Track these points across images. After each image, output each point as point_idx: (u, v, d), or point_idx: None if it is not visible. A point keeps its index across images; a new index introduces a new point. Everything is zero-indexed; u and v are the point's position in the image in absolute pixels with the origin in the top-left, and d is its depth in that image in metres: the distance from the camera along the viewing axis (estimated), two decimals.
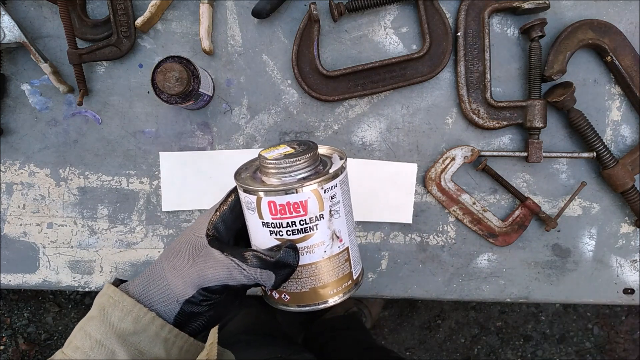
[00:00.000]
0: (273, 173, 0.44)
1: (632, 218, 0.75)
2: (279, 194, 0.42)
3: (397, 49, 0.72)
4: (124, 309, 0.44)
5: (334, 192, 0.44)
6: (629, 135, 0.73)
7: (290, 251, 0.43)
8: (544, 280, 0.76)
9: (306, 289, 0.45)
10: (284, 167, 0.43)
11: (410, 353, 1.77)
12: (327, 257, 0.45)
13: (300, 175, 0.43)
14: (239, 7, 0.72)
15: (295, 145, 0.46)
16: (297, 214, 0.42)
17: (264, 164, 0.44)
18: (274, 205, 0.42)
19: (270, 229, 0.43)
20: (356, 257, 0.48)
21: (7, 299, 1.79)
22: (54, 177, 0.75)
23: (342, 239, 0.45)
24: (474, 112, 0.71)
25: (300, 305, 0.46)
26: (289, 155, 0.44)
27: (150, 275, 0.46)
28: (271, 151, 0.45)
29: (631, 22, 0.71)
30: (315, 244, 0.44)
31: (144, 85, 0.73)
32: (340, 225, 0.45)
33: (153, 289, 0.45)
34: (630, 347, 1.75)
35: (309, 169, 0.44)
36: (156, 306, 0.45)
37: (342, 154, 0.48)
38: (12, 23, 0.69)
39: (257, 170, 0.47)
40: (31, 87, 0.74)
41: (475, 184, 0.74)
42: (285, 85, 0.73)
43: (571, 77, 0.71)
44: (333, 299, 0.46)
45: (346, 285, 0.47)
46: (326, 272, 0.45)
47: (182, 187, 0.74)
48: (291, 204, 0.42)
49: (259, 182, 0.45)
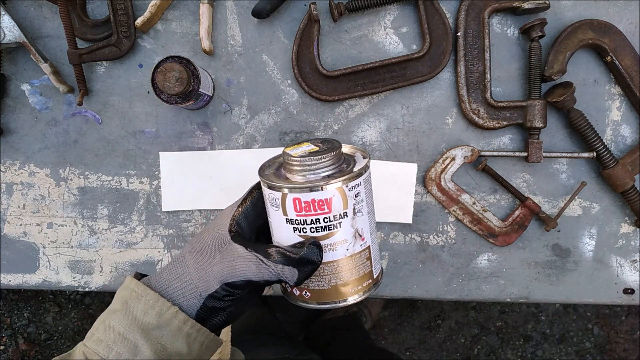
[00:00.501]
0: (297, 170, 0.44)
1: (632, 218, 0.75)
2: (304, 191, 0.42)
3: (397, 49, 0.72)
4: (147, 303, 0.44)
5: (358, 191, 0.44)
6: (629, 135, 0.73)
7: (314, 248, 0.43)
8: (544, 280, 0.76)
9: (327, 287, 0.45)
10: (309, 165, 0.43)
11: (410, 353, 1.77)
12: (349, 255, 0.45)
13: (324, 173, 0.43)
14: (239, 7, 0.72)
15: (319, 143, 0.46)
16: (322, 211, 0.42)
17: (289, 161, 0.44)
18: (298, 202, 0.42)
19: (295, 225, 0.44)
20: (377, 256, 0.48)
21: (7, 299, 1.79)
22: (54, 177, 0.75)
23: (364, 237, 0.46)
24: (474, 112, 0.71)
25: (321, 302, 0.46)
26: (313, 152, 0.44)
27: (173, 269, 0.46)
28: (295, 148, 0.45)
29: (631, 22, 0.71)
30: (338, 242, 0.44)
31: (144, 85, 0.73)
32: (363, 224, 0.45)
33: (176, 283, 0.45)
34: (630, 347, 1.75)
35: (333, 167, 0.44)
36: (179, 300, 0.45)
37: (365, 153, 0.48)
38: (12, 23, 0.69)
39: (281, 167, 0.47)
40: (31, 87, 0.74)
41: (475, 184, 0.74)
42: (285, 85, 0.73)
43: (571, 77, 0.71)
44: (353, 297, 0.46)
45: (367, 284, 0.47)
46: (348, 270, 0.45)
47: (182, 187, 0.74)
48: (316, 201, 0.42)
49: (283, 179, 0.45)
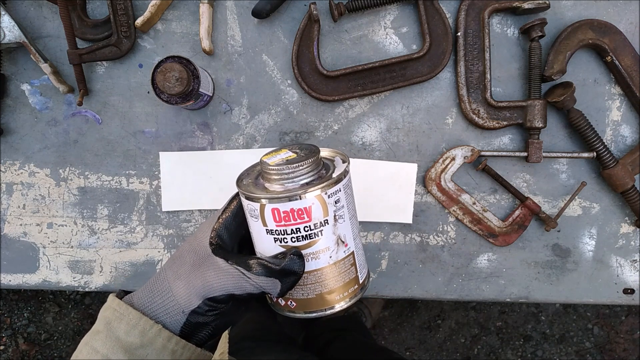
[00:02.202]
0: (275, 179, 0.43)
1: (632, 218, 0.75)
2: (282, 200, 0.41)
3: (397, 49, 0.72)
4: (129, 322, 0.43)
5: (338, 197, 0.43)
6: (629, 135, 0.73)
7: (295, 258, 0.42)
8: (544, 280, 0.76)
9: (312, 295, 0.45)
10: (287, 173, 0.42)
11: (410, 353, 1.77)
12: (333, 262, 0.44)
13: (303, 180, 0.43)
14: (239, 7, 0.72)
15: (297, 149, 0.45)
16: (302, 220, 0.42)
17: (266, 169, 0.43)
18: (277, 212, 0.41)
19: (275, 236, 0.43)
20: (362, 261, 0.48)
21: (7, 299, 1.79)
22: (54, 177, 0.75)
23: (347, 244, 0.45)
24: (474, 112, 0.71)
25: (307, 311, 0.45)
26: (291, 160, 0.43)
27: (154, 286, 0.45)
28: (273, 156, 0.44)
29: (631, 22, 0.71)
30: (321, 250, 0.43)
31: (144, 85, 0.73)
32: (345, 230, 0.44)
33: (158, 300, 0.44)
34: (630, 347, 1.75)
35: (312, 173, 0.43)
36: (161, 318, 0.44)
37: (345, 157, 0.47)
38: (12, 23, 0.69)
39: (259, 176, 0.46)
40: (31, 87, 0.74)
41: (475, 184, 0.74)
42: (285, 85, 0.73)
43: (571, 77, 0.71)
44: (340, 304, 0.45)
45: (352, 290, 0.46)
46: (332, 278, 0.45)
47: (182, 187, 0.74)
48: (295, 210, 0.41)
49: (262, 189, 0.44)
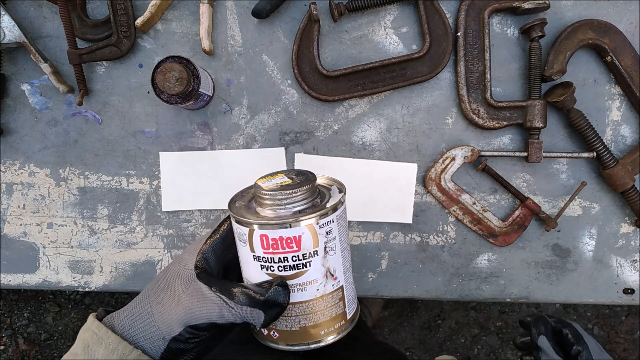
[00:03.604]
0: (268, 204, 0.41)
1: (632, 218, 0.75)
2: (272, 227, 0.40)
3: (397, 49, 0.72)
4: (108, 347, 0.42)
5: (330, 228, 0.41)
6: (629, 135, 0.73)
7: (280, 289, 0.40)
8: (544, 280, 0.76)
9: (296, 328, 0.43)
10: (280, 199, 0.41)
11: (410, 353, 1.77)
12: (320, 295, 0.43)
13: (296, 207, 0.41)
14: (239, 7, 0.72)
15: (293, 175, 0.44)
16: (290, 249, 0.40)
17: (259, 194, 0.42)
18: (266, 239, 0.40)
19: (262, 263, 0.41)
20: (351, 296, 0.46)
21: (7, 299, 1.79)
22: (54, 177, 0.75)
23: (336, 277, 0.43)
24: (474, 112, 0.71)
25: (290, 344, 0.44)
26: (285, 186, 0.41)
27: (136, 309, 0.44)
28: (268, 180, 0.43)
29: (631, 22, 0.71)
30: (308, 282, 0.42)
31: (144, 85, 0.73)
32: (335, 263, 0.43)
33: (138, 325, 0.43)
34: (630, 347, 1.75)
35: (306, 201, 0.42)
36: (141, 343, 0.43)
37: (342, 187, 0.46)
38: (12, 23, 0.69)
39: (253, 199, 0.45)
40: (31, 87, 0.74)
41: (475, 184, 0.74)
42: (285, 85, 0.73)
43: (571, 77, 0.71)
44: (325, 339, 0.44)
45: (339, 326, 0.44)
46: (318, 311, 0.43)
47: (182, 187, 0.74)
48: (284, 238, 0.40)
49: (253, 213, 0.42)
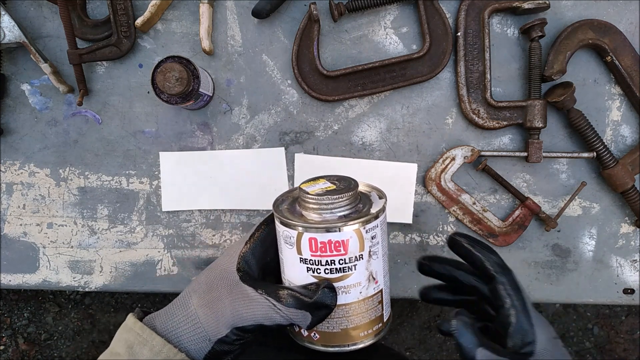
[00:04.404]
0: (314, 208, 0.42)
1: (632, 218, 0.75)
2: (320, 231, 0.41)
3: (397, 49, 0.72)
4: (153, 349, 0.42)
5: (375, 233, 0.43)
6: (629, 135, 0.73)
7: (328, 292, 0.41)
8: (544, 280, 0.76)
9: (337, 330, 0.44)
10: (326, 204, 0.42)
11: (411, 353, 1.77)
12: (362, 298, 0.44)
13: (341, 212, 0.42)
14: (239, 7, 0.72)
15: (335, 180, 0.45)
16: (338, 252, 0.41)
17: (305, 198, 0.43)
18: (314, 242, 0.41)
19: (308, 265, 0.42)
20: (388, 300, 0.47)
21: (7, 299, 1.79)
22: (54, 177, 0.75)
23: (377, 281, 0.44)
24: (474, 112, 0.71)
25: (328, 345, 0.45)
26: (331, 191, 0.42)
27: (179, 311, 0.44)
28: (312, 185, 0.44)
29: (631, 22, 0.71)
30: (352, 285, 0.43)
31: (144, 85, 0.73)
32: (377, 267, 0.44)
33: (183, 327, 0.43)
34: (630, 347, 1.75)
35: (350, 206, 0.43)
36: (185, 344, 0.43)
37: (382, 193, 0.47)
38: (12, 23, 0.69)
39: (295, 202, 0.45)
40: (31, 87, 0.74)
41: (475, 184, 0.74)
42: (285, 85, 0.73)
43: (571, 77, 0.71)
44: (363, 341, 0.45)
45: (377, 328, 0.45)
46: (359, 314, 0.44)
47: (182, 187, 0.74)
48: (332, 242, 0.41)
49: (298, 216, 0.43)
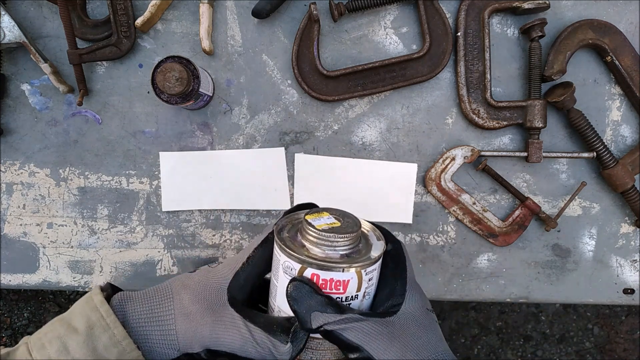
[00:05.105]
0: (317, 243, 0.43)
1: (632, 218, 0.75)
2: (324, 268, 0.41)
3: (397, 49, 0.72)
4: (112, 338, 0.41)
5: (372, 275, 0.43)
6: (629, 135, 0.73)
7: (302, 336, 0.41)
8: (544, 280, 0.76)
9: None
10: (331, 241, 0.42)
11: None
12: None
13: (342, 251, 0.43)
14: (239, 7, 0.72)
15: (339, 216, 0.45)
16: (337, 291, 0.42)
17: (310, 231, 0.43)
18: (316, 278, 0.41)
19: None
20: None
21: (7, 299, 1.79)
22: (54, 177, 0.75)
23: None
24: (474, 112, 0.71)
25: None
26: (336, 229, 0.43)
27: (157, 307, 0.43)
28: (317, 218, 0.44)
29: (631, 22, 0.71)
30: None
31: (144, 85, 0.73)
32: (367, 305, 0.45)
33: (155, 326, 0.43)
34: (630, 347, 1.75)
35: (352, 246, 0.43)
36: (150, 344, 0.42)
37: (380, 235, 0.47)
38: (12, 23, 0.69)
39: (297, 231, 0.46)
40: (31, 87, 0.74)
41: (475, 184, 0.74)
42: (285, 85, 0.73)
43: (571, 77, 0.71)
44: None
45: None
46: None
47: (182, 187, 0.74)
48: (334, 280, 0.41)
49: (300, 246, 0.44)
